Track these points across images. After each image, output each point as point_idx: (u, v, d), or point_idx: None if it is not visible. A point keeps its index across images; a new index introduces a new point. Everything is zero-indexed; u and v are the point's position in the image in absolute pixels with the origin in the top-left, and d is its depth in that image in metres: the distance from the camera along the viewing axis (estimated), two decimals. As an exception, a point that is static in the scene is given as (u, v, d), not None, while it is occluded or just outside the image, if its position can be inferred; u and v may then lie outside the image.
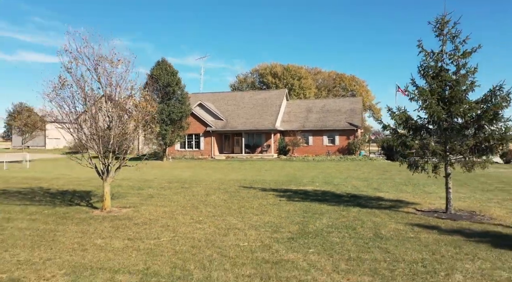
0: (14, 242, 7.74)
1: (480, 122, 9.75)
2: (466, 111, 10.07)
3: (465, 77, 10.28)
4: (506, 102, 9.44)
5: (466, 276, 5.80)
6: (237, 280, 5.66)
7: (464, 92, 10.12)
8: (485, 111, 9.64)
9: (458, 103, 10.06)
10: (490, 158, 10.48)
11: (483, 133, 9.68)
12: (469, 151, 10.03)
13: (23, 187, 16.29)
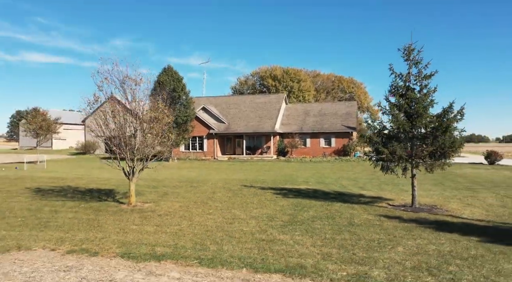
0: (70, 227, 10.07)
1: (436, 133, 12.04)
2: (427, 124, 12.38)
3: (426, 95, 12.58)
4: (455, 120, 11.76)
5: (405, 249, 8.10)
6: (241, 251, 7.95)
7: (425, 108, 12.41)
8: (440, 125, 11.95)
9: (420, 117, 12.35)
10: (448, 161, 12.77)
11: (437, 142, 11.97)
12: (428, 156, 12.32)
13: (53, 185, 18.59)
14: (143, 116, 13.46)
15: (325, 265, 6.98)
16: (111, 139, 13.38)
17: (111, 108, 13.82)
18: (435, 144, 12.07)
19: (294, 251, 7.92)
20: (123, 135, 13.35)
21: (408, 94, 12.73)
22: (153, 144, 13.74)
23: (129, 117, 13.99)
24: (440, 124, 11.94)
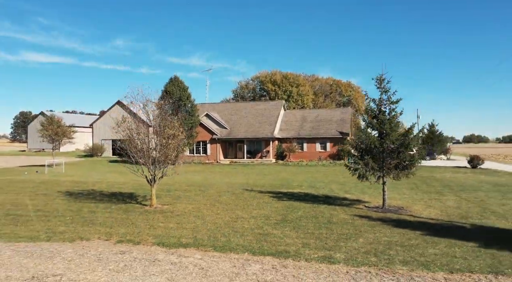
0: (111, 224, 12.96)
1: (400, 149, 14.92)
2: (394, 141, 15.25)
3: (394, 117, 15.47)
4: (415, 140, 14.68)
5: (365, 240, 10.97)
6: (244, 241, 10.82)
7: (392, 128, 15.29)
8: (403, 142, 14.83)
9: (388, 135, 15.23)
10: (412, 171, 15.62)
11: (401, 157, 14.84)
12: (394, 167, 15.20)
13: (79, 189, 21.49)
14: (163, 134, 16.27)
15: (303, 251, 9.86)
16: (137, 153, 16.19)
17: (137, 130, 16.59)
18: (399, 157, 14.95)
19: (282, 242, 10.80)
20: (146, 150, 16.20)
21: (379, 116, 15.61)
22: (171, 156, 16.59)
23: (151, 134, 16.85)
24: (403, 142, 14.82)
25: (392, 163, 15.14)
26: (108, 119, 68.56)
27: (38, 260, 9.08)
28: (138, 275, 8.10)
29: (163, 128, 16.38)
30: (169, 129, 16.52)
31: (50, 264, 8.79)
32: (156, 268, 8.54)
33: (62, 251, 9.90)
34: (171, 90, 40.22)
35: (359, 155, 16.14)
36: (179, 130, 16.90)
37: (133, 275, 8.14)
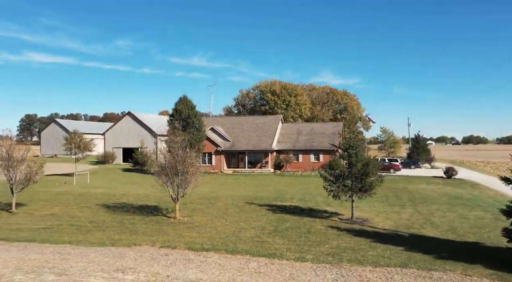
0: (151, 233, 17.97)
1: (362, 176, 19.94)
2: (359, 169, 20.26)
3: (359, 151, 20.49)
4: (374, 170, 19.71)
5: (330, 245, 15.98)
6: (246, 246, 15.81)
7: (357, 160, 20.30)
8: (365, 171, 19.86)
9: (355, 165, 20.25)
10: (373, 192, 20.61)
11: (363, 182, 19.86)
12: (359, 190, 20.23)
13: (113, 202, 26.52)
14: (184, 163, 21.21)
15: (286, 253, 14.87)
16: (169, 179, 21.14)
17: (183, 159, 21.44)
18: (362, 182, 19.97)
19: (272, 247, 15.82)
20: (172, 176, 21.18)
21: (349, 150, 20.64)
22: (190, 179, 21.54)
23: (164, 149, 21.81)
24: (365, 171, 19.84)
25: (358, 186, 20.16)
26: (119, 128, 73.75)
27: (114, 259, 14.13)
28: (181, 269, 13.13)
29: (184, 158, 21.37)
30: (189, 159, 21.52)
31: (123, 262, 13.83)
32: (191, 264, 13.58)
33: (125, 253, 14.95)
34: (180, 109, 45.29)
35: (333, 179, 21.14)
36: (196, 160, 21.90)
37: (178, 269, 13.17)
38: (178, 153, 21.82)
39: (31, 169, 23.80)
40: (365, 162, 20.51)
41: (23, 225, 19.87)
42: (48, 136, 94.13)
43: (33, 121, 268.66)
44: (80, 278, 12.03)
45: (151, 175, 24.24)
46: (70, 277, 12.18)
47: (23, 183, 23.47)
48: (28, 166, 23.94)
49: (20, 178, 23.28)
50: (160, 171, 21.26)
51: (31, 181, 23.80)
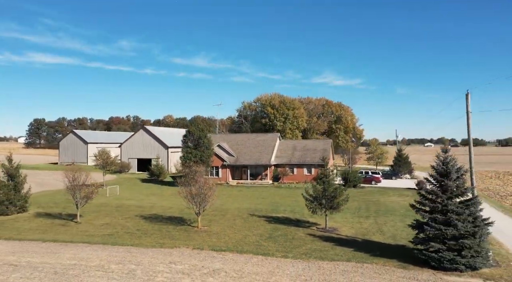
0: (183, 238, 26.03)
1: (333, 197, 28.02)
2: (331, 193, 28.32)
3: (330, 180, 28.56)
4: (341, 193, 27.81)
5: (306, 247, 24.02)
6: (250, 248, 23.85)
7: (330, 185, 28.36)
8: (335, 194, 27.94)
9: (328, 189, 28.30)
10: (341, 209, 28.65)
11: (333, 202, 27.91)
12: (330, 207, 28.30)
13: (147, 213, 34.55)
14: (204, 189, 29.19)
15: (276, 253, 22.91)
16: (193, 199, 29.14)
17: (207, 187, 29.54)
18: (332, 202, 28.03)
19: (267, 248, 23.88)
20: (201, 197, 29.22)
21: (323, 179, 28.71)
22: (208, 199, 29.50)
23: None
24: (334, 194, 27.89)
25: (329, 204, 28.23)
26: (134, 141, 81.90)
27: (165, 256, 22.19)
28: (209, 262, 21.20)
29: (204, 184, 29.39)
30: (209, 187, 29.49)
31: (172, 258, 21.90)
32: (215, 259, 21.65)
33: (171, 252, 23.02)
34: (192, 131, 53.44)
35: (312, 199, 29.18)
36: (213, 186, 29.93)
37: (207, 262, 21.23)
38: (200, 180, 29.87)
39: (90, 189, 31.82)
40: (335, 187, 28.57)
41: (92, 232, 28.00)
42: (66, 146, 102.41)
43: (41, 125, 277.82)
44: (151, 267, 20.10)
45: (168, 186, 32.12)
46: (144, 266, 20.25)
47: (84, 200, 31.56)
48: (88, 188, 31.92)
49: (82, 196, 31.35)
50: (187, 196, 29.18)
51: (90, 198, 31.89)
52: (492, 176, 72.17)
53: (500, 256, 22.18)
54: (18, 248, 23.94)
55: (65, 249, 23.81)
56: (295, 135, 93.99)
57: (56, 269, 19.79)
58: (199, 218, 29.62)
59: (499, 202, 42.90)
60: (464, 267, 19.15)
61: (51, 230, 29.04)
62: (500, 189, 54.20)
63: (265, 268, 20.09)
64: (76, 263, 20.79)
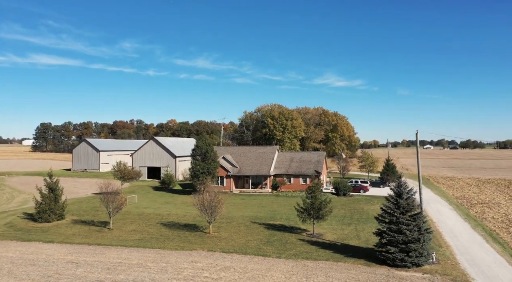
0: (199, 242, 32.80)
1: (319, 209, 34.77)
2: (317, 205, 35.07)
3: (317, 194, 35.35)
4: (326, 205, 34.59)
5: (296, 250, 30.74)
6: (251, 251, 30.57)
7: (316, 200, 35.14)
8: (320, 207, 34.71)
9: (315, 203, 35.05)
10: (325, 218, 35.38)
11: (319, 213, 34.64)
12: (317, 217, 35.05)
13: (165, 221, 41.27)
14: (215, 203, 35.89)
15: (272, 254, 29.64)
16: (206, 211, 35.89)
17: (216, 199, 36.34)
18: (319, 212, 34.75)
19: (266, 250, 30.63)
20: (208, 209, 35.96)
21: (311, 194, 35.44)
22: (217, 211, 36.20)
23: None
24: (320, 207, 34.62)
25: (316, 215, 34.96)
26: (144, 151, 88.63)
27: (186, 257, 28.96)
28: (221, 260, 27.96)
29: (214, 198, 36.11)
30: (218, 201, 36.18)
31: (192, 258, 28.67)
32: (225, 259, 28.42)
33: (191, 253, 29.80)
34: (200, 145, 60.25)
35: (302, 210, 35.88)
36: (222, 200, 36.63)
37: (219, 260, 27.98)
38: (211, 194, 36.60)
39: (120, 201, 38.55)
40: (320, 201, 35.30)
41: (124, 237, 34.79)
42: (79, 153, 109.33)
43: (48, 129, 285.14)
44: (177, 265, 26.85)
45: (178, 194, 38.70)
46: (172, 264, 27.00)
47: (116, 211, 38.34)
48: (118, 200, 38.62)
49: (114, 207, 38.11)
50: (201, 207, 35.89)
51: (120, 209, 38.65)
52: (473, 184, 78.72)
53: (443, 256, 28.92)
54: (72, 250, 30.74)
55: (109, 250, 30.61)
56: (293, 144, 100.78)
57: (107, 266, 26.58)
58: (210, 225, 36.38)
59: (467, 210, 49.54)
60: (411, 264, 25.89)
61: (91, 235, 35.84)
62: (474, 197, 60.80)
63: (264, 266, 26.85)
64: (121, 262, 27.57)
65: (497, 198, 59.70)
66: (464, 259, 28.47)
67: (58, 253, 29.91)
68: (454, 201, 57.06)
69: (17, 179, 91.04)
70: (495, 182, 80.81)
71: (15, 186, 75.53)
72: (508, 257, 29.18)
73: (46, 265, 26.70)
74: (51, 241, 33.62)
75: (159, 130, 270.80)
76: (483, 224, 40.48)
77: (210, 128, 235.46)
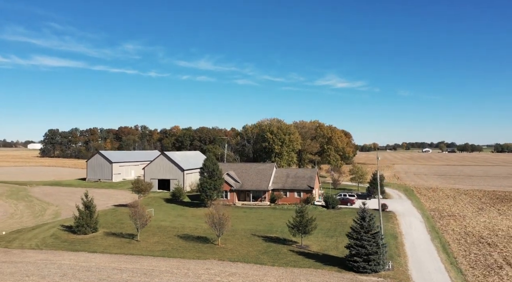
0: (211, 252, 41.74)
1: (306, 226, 43.72)
2: (305, 222, 43.99)
3: (305, 214, 44.33)
4: (311, 222, 43.54)
5: (287, 259, 39.66)
6: (252, 259, 39.52)
7: (304, 218, 44.10)
8: (307, 224, 43.66)
9: (303, 221, 43.99)
10: (311, 233, 44.29)
11: (306, 228, 43.57)
12: (303, 232, 44.01)
13: (181, 233, 50.19)
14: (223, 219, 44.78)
15: (267, 262, 38.57)
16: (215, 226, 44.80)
17: (224, 217, 45.32)
18: (306, 229, 43.65)
19: (262, 259, 39.57)
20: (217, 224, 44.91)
21: (300, 213, 44.40)
22: (224, 228, 45.10)
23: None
24: (307, 224, 43.52)
25: (303, 230, 43.87)
26: (155, 164, 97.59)
27: (202, 265, 37.91)
28: (229, 268, 36.91)
29: (222, 215, 44.98)
30: (225, 218, 45.06)
31: (207, 265, 37.62)
32: (232, 266, 37.35)
33: (206, 262, 38.75)
34: (208, 165, 69.31)
35: (292, 226, 44.76)
36: (228, 218, 45.53)
37: (227, 267, 36.91)
38: (220, 214, 45.49)
39: (146, 218, 47.48)
40: (307, 219, 44.17)
41: (151, 248, 43.72)
42: (93, 164, 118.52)
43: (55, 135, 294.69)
44: (196, 271, 35.77)
45: (188, 207, 47.88)
46: (192, 270, 35.93)
47: (142, 226, 47.31)
48: (144, 217, 47.54)
49: (141, 223, 47.04)
50: (211, 223, 44.81)
51: (146, 224, 47.60)
52: (451, 195, 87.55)
53: (399, 264, 37.83)
54: (113, 259, 39.70)
55: (141, 259, 39.58)
56: (291, 156, 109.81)
57: (144, 272, 35.53)
58: (219, 238, 45.33)
59: (435, 223, 58.41)
60: (371, 271, 34.80)
61: (124, 246, 44.82)
62: (446, 209, 69.68)
63: (261, 272, 35.80)
64: (153, 269, 36.52)
65: (466, 210, 68.62)
66: (413, 266, 37.40)
67: (103, 261, 38.89)
68: (427, 213, 65.96)
69: (38, 190, 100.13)
70: (470, 194, 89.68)
71: (41, 198, 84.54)
72: (448, 264, 38.10)
73: (98, 271, 35.67)
74: (95, 251, 42.61)
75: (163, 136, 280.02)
76: (441, 236, 49.39)
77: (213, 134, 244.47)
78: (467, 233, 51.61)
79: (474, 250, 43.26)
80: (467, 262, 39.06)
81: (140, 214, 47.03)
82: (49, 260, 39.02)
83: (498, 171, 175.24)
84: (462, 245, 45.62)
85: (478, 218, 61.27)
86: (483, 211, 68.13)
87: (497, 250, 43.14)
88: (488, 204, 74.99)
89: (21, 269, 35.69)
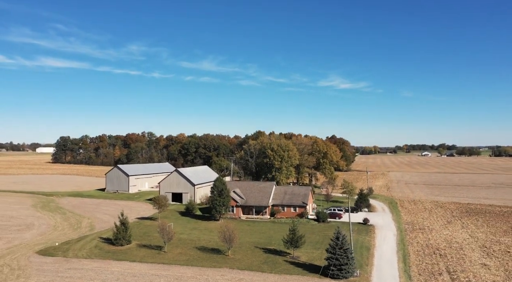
0: (224, 262, 54.45)
1: (297, 241, 56.43)
2: (296, 238, 56.70)
3: (296, 230, 57.10)
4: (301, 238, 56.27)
5: (281, 268, 52.34)
6: (254, 268, 52.17)
7: (295, 235, 56.85)
8: (298, 239, 56.41)
9: (294, 236, 56.70)
10: (301, 247, 56.96)
11: (297, 243, 56.25)
12: (295, 246, 56.73)
13: (199, 245, 62.86)
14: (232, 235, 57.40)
15: (266, 269, 51.21)
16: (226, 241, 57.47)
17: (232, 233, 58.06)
18: (297, 243, 56.33)
19: (263, 268, 52.22)
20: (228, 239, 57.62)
21: (292, 231, 57.13)
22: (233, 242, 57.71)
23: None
24: (298, 239, 56.20)
25: (295, 245, 56.52)
26: (169, 179, 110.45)
27: (218, 272, 50.59)
28: (238, 274, 49.58)
29: (232, 231, 57.63)
30: (234, 234, 57.70)
31: (222, 273, 50.31)
32: (240, 273, 50.02)
33: (221, 270, 51.42)
34: (217, 185, 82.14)
35: (286, 241, 57.41)
36: (237, 235, 58.19)
37: (237, 274, 49.62)
38: (230, 228, 58.12)
39: (172, 233, 60.21)
40: (298, 235, 56.76)
41: (177, 258, 56.40)
42: (111, 177, 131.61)
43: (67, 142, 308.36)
44: (214, 277, 48.40)
45: (201, 220, 61.08)
46: (212, 276, 48.58)
47: (169, 240, 60.06)
48: (170, 233, 60.24)
49: (168, 237, 59.76)
50: (223, 238, 57.47)
51: (171, 238, 60.34)
52: (428, 208, 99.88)
53: (365, 272, 50.39)
54: (150, 267, 52.38)
55: (171, 268, 52.23)
56: (289, 170, 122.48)
57: (176, 277, 48.16)
58: (229, 250, 58.03)
59: (405, 235, 70.84)
60: (342, 277, 47.43)
61: (155, 256, 57.53)
62: (420, 222, 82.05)
63: (262, 278, 48.43)
64: (181, 275, 49.17)
65: (436, 223, 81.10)
66: (376, 274, 49.97)
67: (143, 268, 51.62)
68: (402, 227, 78.46)
69: (65, 201, 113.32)
70: (446, 206, 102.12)
71: (71, 210, 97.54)
72: (402, 273, 50.65)
73: (142, 277, 48.41)
74: (134, 260, 55.36)
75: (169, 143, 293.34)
76: (405, 248, 61.94)
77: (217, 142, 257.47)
78: (427, 245, 64.05)
79: (426, 260, 55.77)
80: (418, 270, 51.59)
81: (167, 231, 59.80)
82: (102, 267, 51.85)
83: (485, 180, 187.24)
84: (419, 256, 58.10)
85: (442, 231, 73.66)
86: (450, 224, 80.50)
87: (445, 260, 55.62)
88: (457, 217, 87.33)
89: (85, 275, 48.56)
